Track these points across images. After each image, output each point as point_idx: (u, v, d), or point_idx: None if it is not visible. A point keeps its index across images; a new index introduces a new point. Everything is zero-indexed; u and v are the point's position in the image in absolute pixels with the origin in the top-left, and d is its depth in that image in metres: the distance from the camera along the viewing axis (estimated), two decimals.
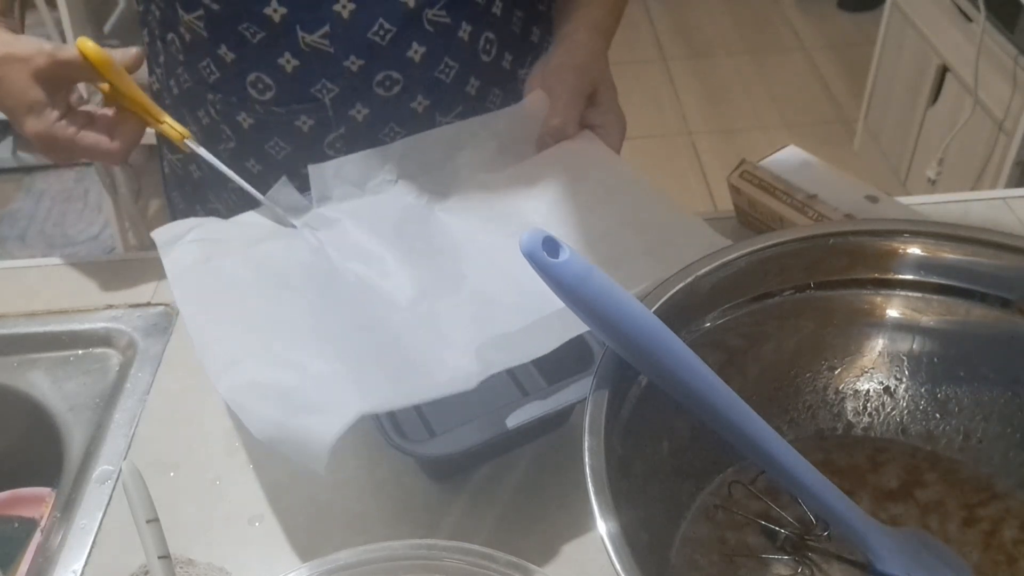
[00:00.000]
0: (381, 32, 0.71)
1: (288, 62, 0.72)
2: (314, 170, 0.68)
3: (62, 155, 0.68)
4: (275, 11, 0.70)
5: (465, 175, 0.71)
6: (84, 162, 2.28)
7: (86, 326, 0.72)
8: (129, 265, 0.78)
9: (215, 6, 0.71)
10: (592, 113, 0.74)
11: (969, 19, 1.74)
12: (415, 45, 0.73)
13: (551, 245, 0.40)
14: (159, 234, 0.64)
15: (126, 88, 0.68)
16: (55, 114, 0.66)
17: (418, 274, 0.63)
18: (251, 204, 0.82)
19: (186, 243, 0.64)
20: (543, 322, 0.55)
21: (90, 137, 0.67)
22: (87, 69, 0.66)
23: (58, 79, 0.66)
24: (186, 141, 0.70)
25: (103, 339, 0.71)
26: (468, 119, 0.73)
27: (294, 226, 0.68)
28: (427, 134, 0.71)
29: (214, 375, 0.54)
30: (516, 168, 0.71)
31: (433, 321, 0.59)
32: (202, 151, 0.70)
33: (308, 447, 0.49)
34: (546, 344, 0.54)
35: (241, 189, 0.82)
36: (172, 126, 0.70)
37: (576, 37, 0.75)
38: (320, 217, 0.68)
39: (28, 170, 2.46)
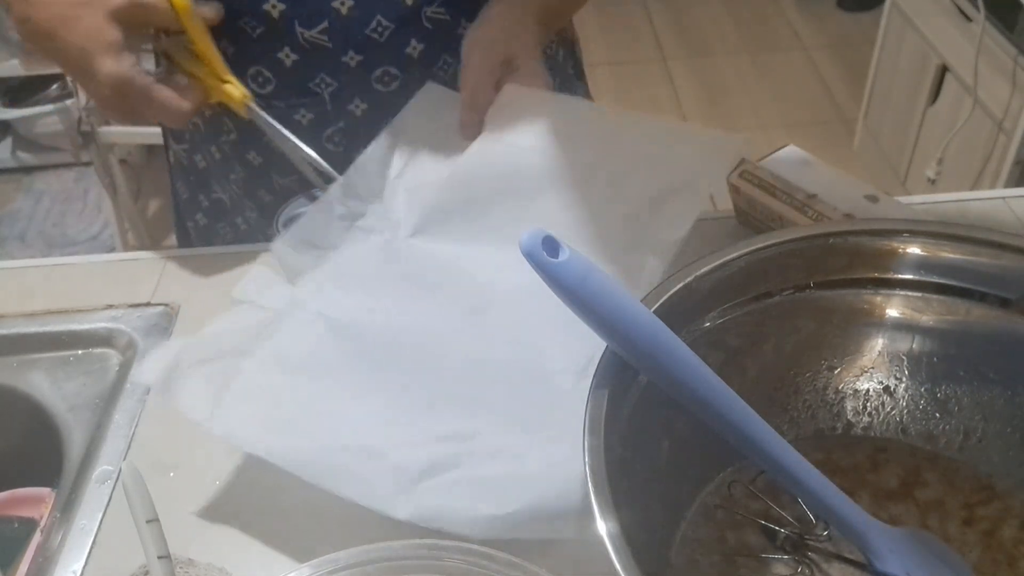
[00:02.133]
0: (379, 29, 0.71)
1: (287, 56, 0.72)
2: (276, 249, 0.65)
3: (132, 105, 0.65)
4: (273, 7, 0.70)
5: (408, 189, 0.69)
6: (82, 162, 2.28)
7: (86, 326, 0.72)
8: (129, 265, 0.78)
9: (274, 119, 0.71)
10: (514, 78, 0.71)
11: (969, 19, 1.74)
12: (413, 42, 0.73)
13: (551, 245, 0.40)
14: (145, 375, 0.57)
15: (200, 40, 0.66)
16: (132, 58, 0.63)
17: (439, 313, 0.61)
18: (251, 194, 0.83)
19: (187, 378, 0.57)
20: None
21: (164, 91, 0.65)
22: (166, 14, 0.64)
23: (135, 21, 0.64)
24: (247, 104, 0.69)
25: (103, 339, 0.71)
26: (383, 131, 0.71)
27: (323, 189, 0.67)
28: (354, 166, 0.69)
29: (388, 510, 0.51)
30: (459, 163, 0.68)
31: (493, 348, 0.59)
32: (263, 115, 0.69)
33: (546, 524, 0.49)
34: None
35: (243, 180, 0.82)
36: (236, 85, 0.69)
37: (488, 13, 0.73)
38: (303, 293, 0.64)
39: (28, 170, 2.46)
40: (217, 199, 0.86)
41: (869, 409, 0.56)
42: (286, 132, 0.69)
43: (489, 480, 0.51)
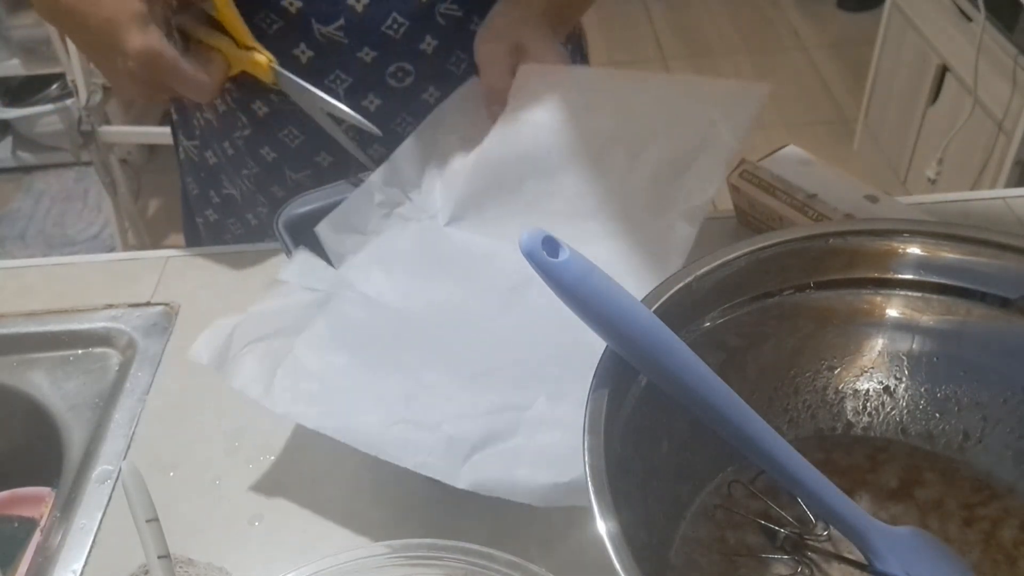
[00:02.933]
0: (394, 26, 0.72)
1: (303, 52, 0.73)
2: (320, 231, 0.66)
3: (160, 79, 0.64)
4: (291, 4, 0.70)
5: (444, 179, 0.70)
6: (82, 162, 2.28)
7: (86, 326, 0.72)
8: (129, 265, 0.78)
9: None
10: (526, 60, 0.72)
11: (969, 19, 1.74)
12: (428, 38, 0.74)
13: (551, 245, 0.40)
14: (200, 353, 0.56)
15: (224, 7, 0.66)
16: (159, 31, 0.62)
17: (482, 292, 0.62)
18: (264, 189, 0.83)
19: (241, 356, 0.57)
20: None
21: (190, 66, 0.64)
22: None
23: None
24: (272, 66, 0.68)
25: (103, 339, 0.71)
26: (422, 123, 0.72)
27: (372, 167, 0.68)
28: (395, 155, 0.70)
29: (448, 478, 0.51)
30: (482, 149, 0.70)
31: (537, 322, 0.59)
32: (292, 76, 0.69)
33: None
34: None
35: (256, 176, 0.83)
36: (261, 51, 0.68)
37: (492, 12, 0.75)
38: (348, 275, 0.65)
39: (28, 170, 2.47)
40: (228, 195, 0.86)
41: (869, 409, 0.56)
42: (318, 92, 0.69)
43: (547, 448, 0.51)
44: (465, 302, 0.62)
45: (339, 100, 0.74)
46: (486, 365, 0.57)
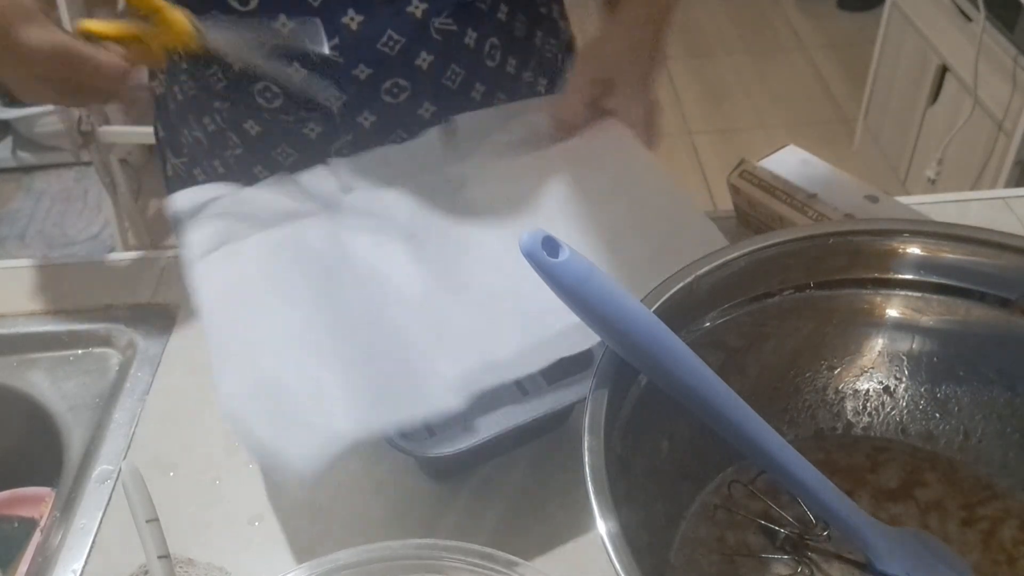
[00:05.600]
0: (390, 43, 0.71)
1: (297, 71, 0.72)
2: (335, 164, 0.69)
3: (72, 76, 0.59)
4: (283, 24, 0.70)
5: (488, 162, 0.71)
6: (82, 162, 2.28)
7: (86, 326, 0.72)
8: (129, 265, 0.78)
9: (225, 18, 0.70)
10: (609, 100, 0.74)
11: (969, 19, 1.74)
12: (423, 54, 0.73)
13: (551, 245, 0.40)
14: (179, 199, 0.62)
15: None
16: (57, 28, 0.58)
17: (428, 268, 0.63)
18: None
19: (207, 219, 0.62)
20: (536, 344, 0.55)
21: (103, 55, 0.59)
22: None
23: None
24: (193, 22, 0.63)
25: (103, 339, 0.71)
26: (498, 106, 0.75)
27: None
28: (461, 119, 0.72)
29: (218, 381, 0.54)
30: (536, 156, 0.71)
31: (436, 322, 0.59)
32: (215, 22, 0.66)
33: (291, 468, 0.50)
34: (535, 363, 0.54)
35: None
36: (173, 8, 0.62)
37: (592, 40, 0.76)
38: (347, 200, 0.68)
39: (28, 170, 2.46)
40: None
41: (869, 409, 0.56)
42: (252, 30, 0.66)
43: (289, 415, 0.52)
44: (398, 277, 0.63)
45: (334, 119, 0.74)
46: (352, 340, 0.58)
